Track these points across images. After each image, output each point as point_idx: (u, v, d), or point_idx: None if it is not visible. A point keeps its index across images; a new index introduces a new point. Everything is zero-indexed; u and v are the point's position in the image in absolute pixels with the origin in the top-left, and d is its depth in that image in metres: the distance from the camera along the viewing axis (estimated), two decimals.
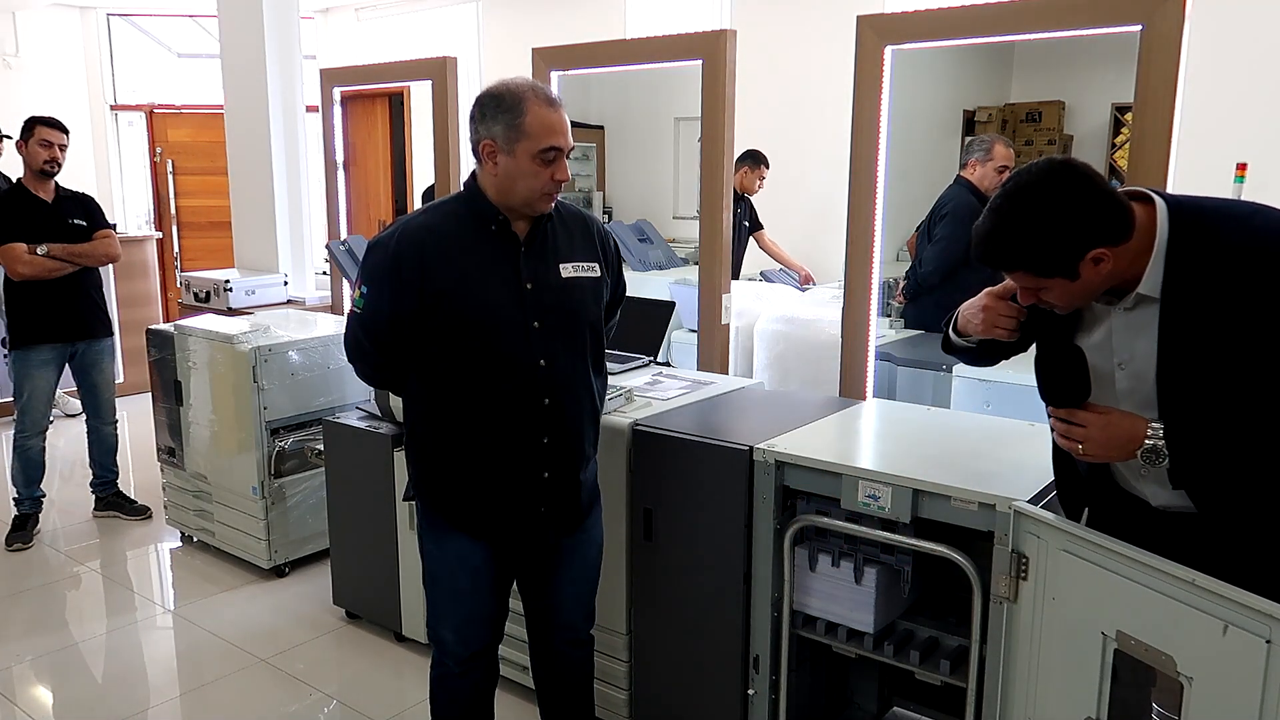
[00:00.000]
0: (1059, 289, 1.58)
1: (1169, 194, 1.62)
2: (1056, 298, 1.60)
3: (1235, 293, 1.52)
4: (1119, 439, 1.61)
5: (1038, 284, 1.59)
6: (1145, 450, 1.58)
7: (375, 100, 6.63)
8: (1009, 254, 1.58)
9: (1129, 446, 1.60)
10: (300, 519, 3.90)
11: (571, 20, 6.16)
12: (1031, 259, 1.56)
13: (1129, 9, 2.41)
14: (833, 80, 3.51)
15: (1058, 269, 1.55)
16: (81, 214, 4.23)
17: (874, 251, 2.94)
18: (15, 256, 4.04)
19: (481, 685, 2.31)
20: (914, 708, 2.61)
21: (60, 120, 4.19)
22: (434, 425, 2.15)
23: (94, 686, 3.22)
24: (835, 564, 2.31)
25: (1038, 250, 1.54)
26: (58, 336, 4.20)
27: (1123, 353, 1.65)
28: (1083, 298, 1.61)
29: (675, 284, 4.54)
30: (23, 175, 4.17)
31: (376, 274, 2.07)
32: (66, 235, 4.14)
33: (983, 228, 1.60)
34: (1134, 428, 1.60)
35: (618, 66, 3.86)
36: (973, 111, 4.41)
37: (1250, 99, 3.97)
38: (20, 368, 4.19)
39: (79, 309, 4.24)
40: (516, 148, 1.99)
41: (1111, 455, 1.65)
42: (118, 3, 8.28)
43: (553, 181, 2.02)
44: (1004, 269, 1.62)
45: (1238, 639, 1.41)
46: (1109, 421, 1.62)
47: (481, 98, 2.03)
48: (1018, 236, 1.55)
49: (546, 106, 2.00)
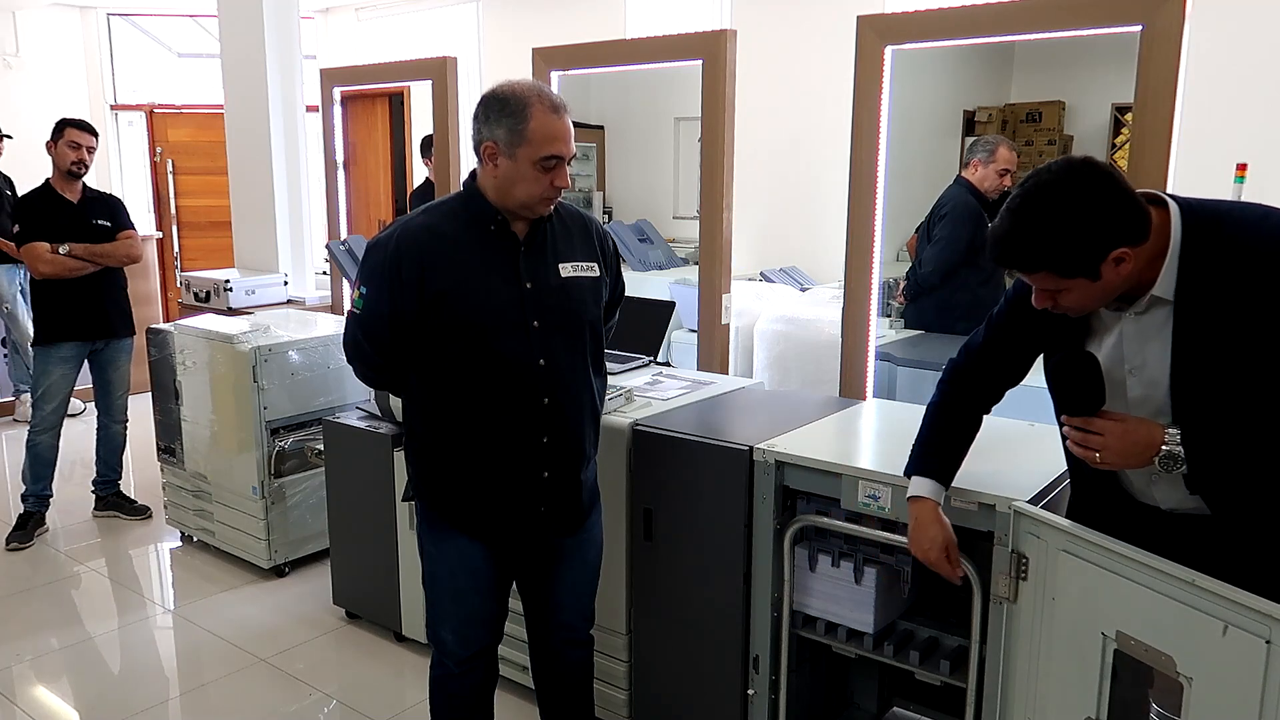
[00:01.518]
0: (1079, 291, 1.56)
1: (1180, 197, 1.61)
2: (1075, 300, 1.59)
3: (1249, 294, 1.51)
4: (1137, 446, 1.59)
5: (1058, 285, 1.57)
6: (1163, 456, 1.57)
7: (375, 100, 6.64)
8: (1032, 254, 1.56)
9: (1146, 453, 1.58)
10: (300, 519, 3.90)
11: (571, 20, 6.16)
12: (1055, 259, 1.54)
13: (1129, 9, 2.41)
14: (833, 80, 3.51)
15: (1081, 269, 1.53)
16: (106, 215, 4.29)
17: (874, 251, 2.94)
18: (37, 255, 4.10)
19: (481, 685, 2.31)
20: (914, 708, 2.61)
21: (89, 123, 4.28)
22: (433, 425, 2.14)
23: (94, 686, 3.22)
24: (835, 564, 2.31)
25: (1062, 250, 1.53)
26: (80, 334, 4.26)
27: (1134, 359, 1.64)
28: (1100, 300, 1.60)
29: (675, 284, 4.54)
30: (51, 176, 4.23)
31: (376, 274, 2.07)
32: (90, 235, 4.20)
33: (1000, 228, 1.58)
34: (1151, 434, 1.58)
35: (618, 66, 3.87)
36: (973, 111, 4.41)
37: (1250, 99, 3.97)
38: (41, 363, 4.24)
39: (102, 308, 4.30)
40: (518, 152, 1.98)
41: (1129, 463, 1.63)
42: (118, 2, 8.29)
43: (552, 188, 2.02)
44: (1025, 270, 1.59)
45: (1238, 639, 1.41)
46: (1126, 429, 1.61)
47: (486, 98, 2.02)
48: (1041, 236, 1.53)
49: (551, 113, 1.99)
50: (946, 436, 1.99)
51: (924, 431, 2.02)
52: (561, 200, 2.16)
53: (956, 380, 1.99)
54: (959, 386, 1.99)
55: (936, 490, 1.97)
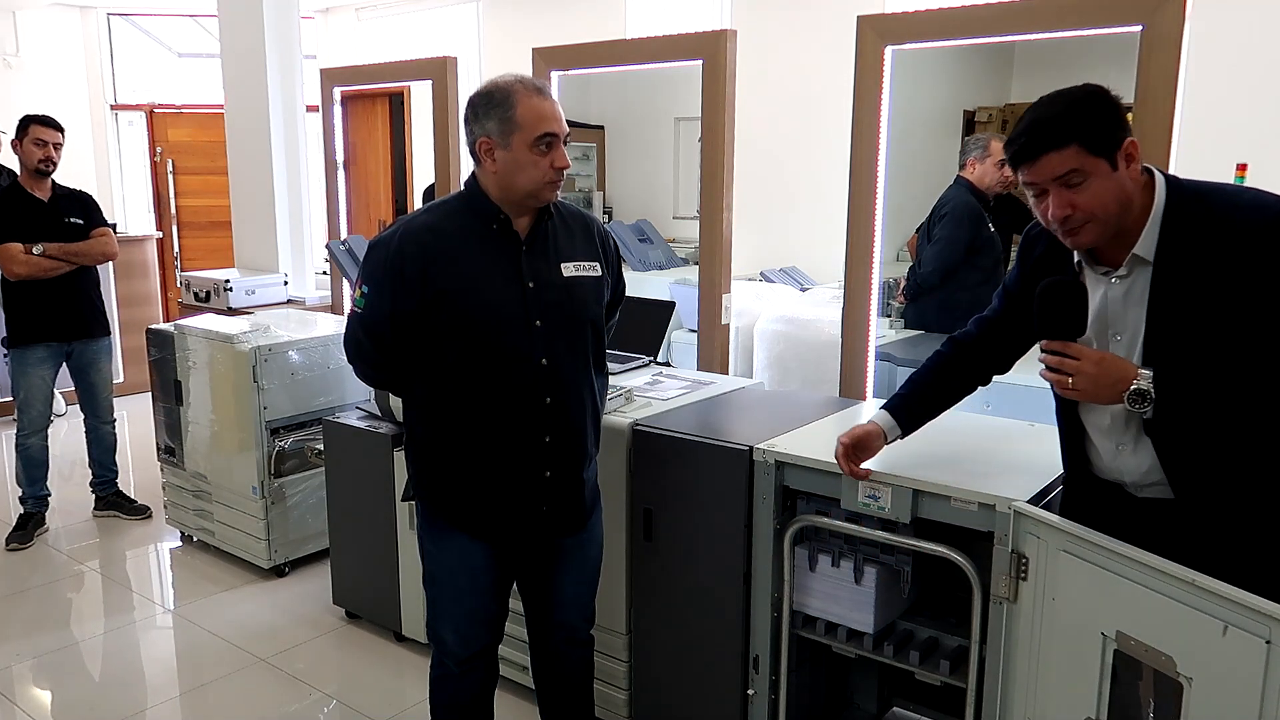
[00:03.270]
0: (1096, 185, 1.60)
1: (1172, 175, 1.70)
2: (1092, 198, 1.61)
3: (1225, 259, 1.58)
4: (1109, 377, 1.64)
5: (1083, 167, 1.59)
6: (1132, 393, 1.62)
7: (375, 100, 6.63)
8: (1063, 125, 1.60)
9: (1117, 387, 1.63)
10: (300, 519, 3.90)
11: (571, 20, 6.16)
12: (1085, 128, 1.59)
13: (1129, 9, 2.41)
14: (833, 80, 3.51)
15: (1106, 146, 1.59)
16: (79, 212, 4.21)
17: (874, 251, 2.94)
18: (11, 256, 4.02)
19: (481, 685, 2.31)
20: (914, 708, 2.61)
21: (54, 118, 4.14)
22: (434, 424, 2.14)
23: (94, 686, 3.22)
24: (835, 564, 2.31)
25: (1091, 118, 1.59)
26: (54, 335, 4.19)
27: (1118, 324, 1.70)
28: (1112, 207, 1.62)
29: (675, 284, 4.54)
30: (19, 174, 4.16)
31: (378, 273, 2.07)
32: (63, 234, 4.12)
33: (1025, 119, 1.64)
34: (1124, 370, 1.64)
35: (618, 66, 3.87)
36: (973, 111, 4.40)
37: (1250, 99, 3.97)
38: (17, 366, 4.19)
39: (76, 308, 4.22)
40: (512, 140, 2.00)
41: (1100, 393, 1.66)
42: (118, 2, 8.29)
43: (553, 169, 2.03)
44: (1054, 146, 1.61)
45: (1238, 639, 1.41)
46: (1103, 359, 1.66)
47: (472, 99, 2.06)
48: (1071, 108, 1.61)
49: (536, 95, 2.01)
50: (927, 389, 2.11)
51: (911, 377, 2.13)
52: (563, 201, 2.16)
53: (962, 341, 2.08)
54: (962, 347, 2.08)
55: (889, 424, 2.11)
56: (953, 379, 2.10)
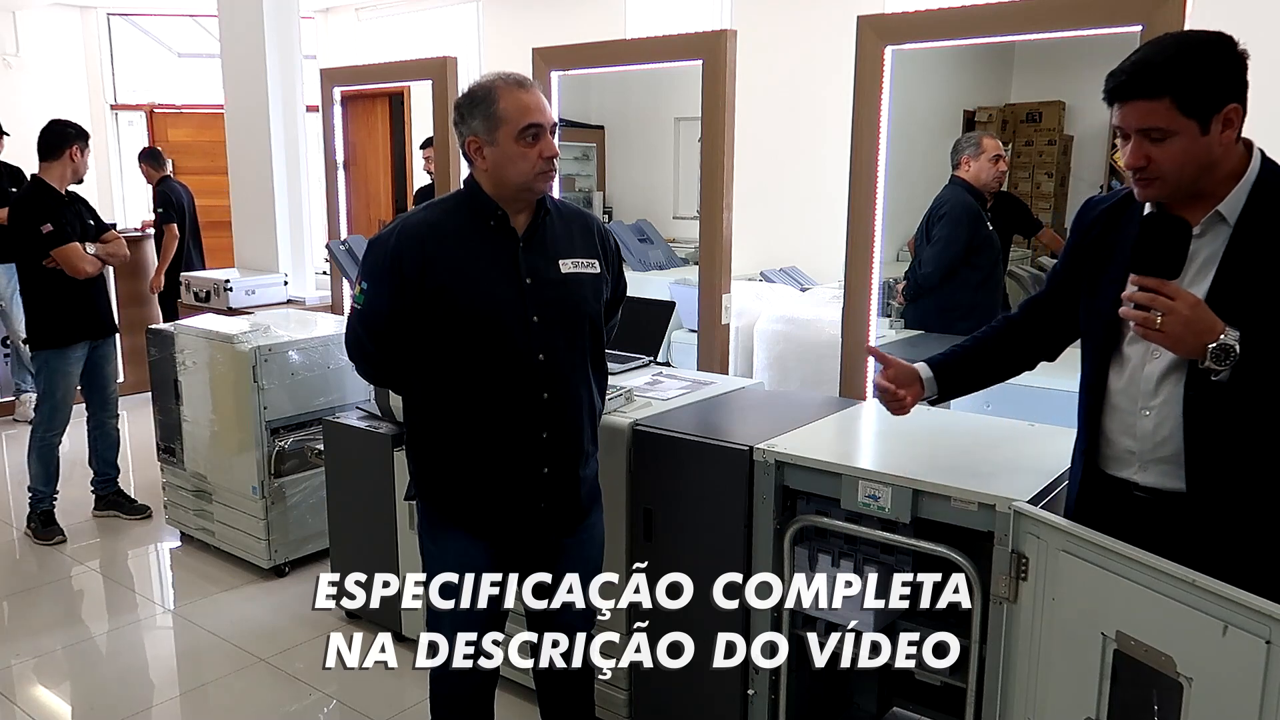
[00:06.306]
0: (1179, 145, 1.57)
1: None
2: (1172, 155, 1.58)
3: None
4: (1200, 324, 1.55)
5: (1171, 125, 1.56)
6: (1217, 347, 1.54)
7: (375, 100, 6.64)
8: (1163, 74, 1.55)
9: (1204, 338, 1.55)
10: (300, 519, 3.90)
11: (571, 20, 6.16)
12: (1184, 84, 1.54)
13: (1129, 9, 2.41)
14: (833, 80, 3.51)
15: (1201, 107, 1.55)
16: (90, 214, 4.32)
17: (874, 251, 2.94)
18: (79, 256, 4.10)
19: (481, 685, 2.31)
20: (914, 708, 2.61)
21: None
22: (433, 421, 2.15)
23: (94, 686, 3.22)
24: (835, 564, 2.30)
25: (1194, 74, 1.55)
26: (90, 334, 4.27)
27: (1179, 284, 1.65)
28: (1191, 170, 1.59)
29: (675, 284, 4.54)
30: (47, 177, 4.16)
31: (377, 270, 2.08)
32: (86, 235, 4.23)
33: (1133, 56, 1.59)
34: (1214, 322, 1.56)
35: (618, 66, 3.87)
36: (973, 111, 4.40)
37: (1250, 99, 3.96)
38: (56, 366, 4.19)
39: (106, 306, 4.35)
40: (498, 135, 2.02)
41: (1184, 339, 1.57)
42: (118, 2, 8.29)
43: (542, 159, 2.04)
44: (1146, 95, 1.57)
45: (1238, 639, 1.41)
46: (1198, 303, 1.57)
47: (458, 101, 2.09)
48: (1179, 56, 1.56)
49: (517, 89, 2.04)
50: (971, 358, 2.09)
51: (954, 345, 2.11)
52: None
53: (1012, 318, 2.07)
54: (1011, 323, 2.07)
55: (929, 379, 2.08)
56: (997, 353, 2.07)
